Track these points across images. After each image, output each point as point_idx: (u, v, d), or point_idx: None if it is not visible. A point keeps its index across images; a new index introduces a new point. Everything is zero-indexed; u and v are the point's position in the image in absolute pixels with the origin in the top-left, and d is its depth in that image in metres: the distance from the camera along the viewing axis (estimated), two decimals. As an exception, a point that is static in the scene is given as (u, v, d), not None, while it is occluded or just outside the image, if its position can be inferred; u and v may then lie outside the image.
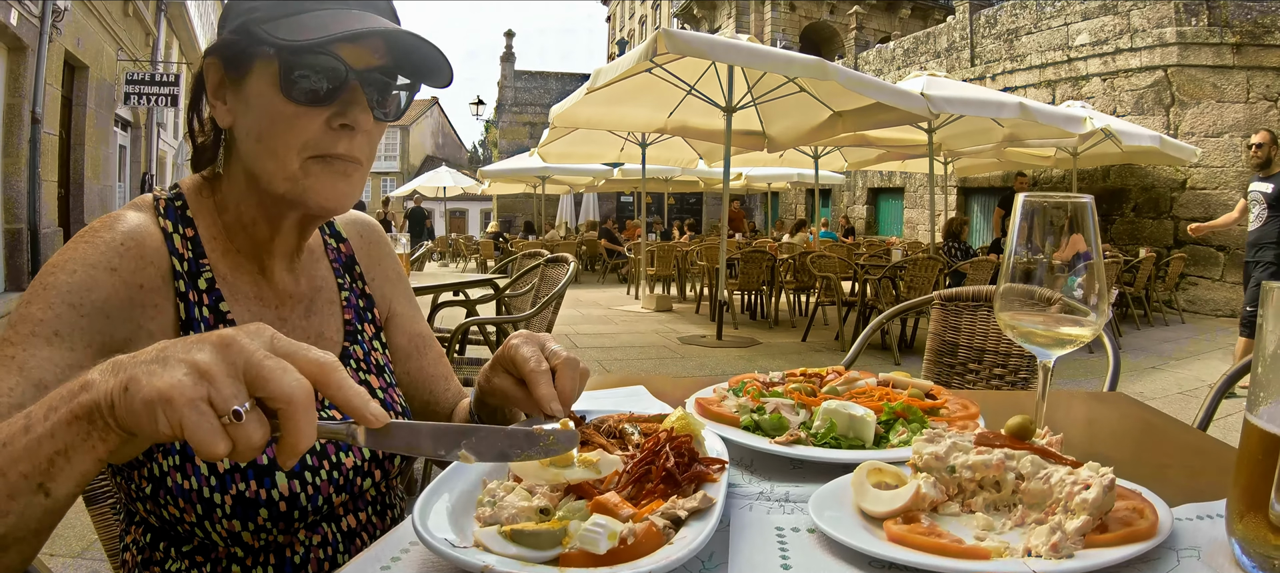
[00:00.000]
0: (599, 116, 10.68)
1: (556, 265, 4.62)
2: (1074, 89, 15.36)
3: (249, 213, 1.12)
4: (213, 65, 1.09)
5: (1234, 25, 13.47)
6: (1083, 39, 15.49)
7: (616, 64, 8.10)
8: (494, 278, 5.22)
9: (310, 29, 1.01)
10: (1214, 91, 13.51)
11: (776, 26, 32.39)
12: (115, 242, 1.02)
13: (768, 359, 7.90)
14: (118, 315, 0.99)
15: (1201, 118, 13.56)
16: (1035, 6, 16.73)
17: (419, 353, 1.41)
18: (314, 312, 1.24)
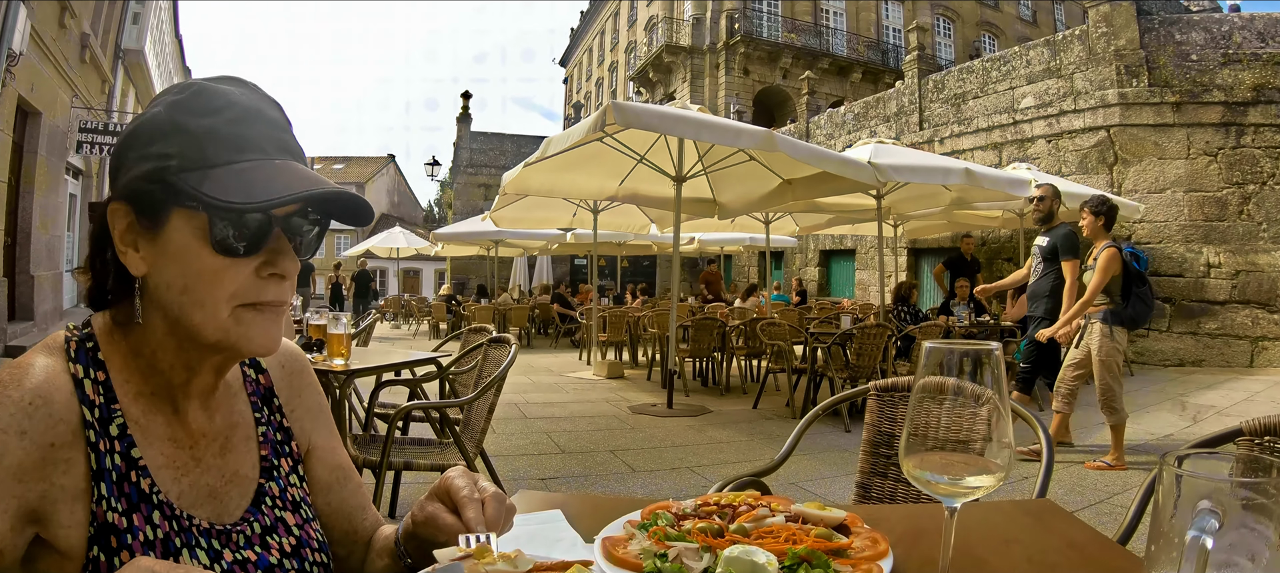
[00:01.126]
0: (550, 184, 10.76)
1: (499, 346, 4.61)
2: (1020, 150, 15.74)
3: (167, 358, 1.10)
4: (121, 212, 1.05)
5: (1173, 84, 13.99)
6: (1028, 102, 15.97)
7: (566, 135, 8.19)
8: (438, 357, 5.19)
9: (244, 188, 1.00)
10: (1156, 149, 13.99)
11: (730, 90, 33.12)
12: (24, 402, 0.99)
13: (718, 429, 7.90)
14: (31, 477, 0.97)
15: (1144, 174, 14.03)
16: (981, 72, 17.27)
17: (340, 484, 1.40)
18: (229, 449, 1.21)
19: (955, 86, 17.92)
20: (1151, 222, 13.95)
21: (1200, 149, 13.78)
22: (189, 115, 1.05)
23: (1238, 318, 13.27)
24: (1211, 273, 13.51)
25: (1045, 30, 43.15)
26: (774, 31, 35.49)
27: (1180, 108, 13.90)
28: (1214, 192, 13.68)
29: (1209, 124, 13.78)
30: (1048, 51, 15.96)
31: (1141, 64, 14.31)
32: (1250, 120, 13.63)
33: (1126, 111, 14.23)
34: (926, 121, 18.43)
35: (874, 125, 20.09)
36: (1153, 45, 14.49)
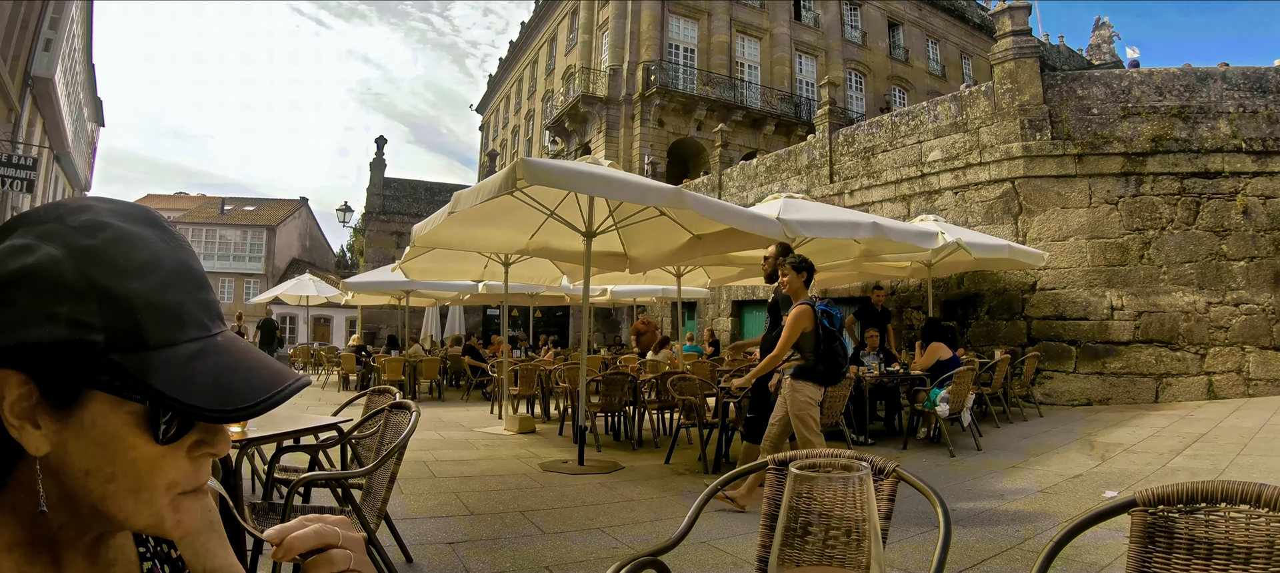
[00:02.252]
0: (460, 237, 10.79)
1: (401, 412, 4.56)
2: (928, 202, 16.27)
3: (59, 519, 0.91)
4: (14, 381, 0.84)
5: (1075, 137, 14.68)
6: (935, 155, 16.55)
7: (476, 190, 8.13)
8: (340, 423, 5.08)
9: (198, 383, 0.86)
10: (1059, 198, 14.61)
11: (645, 142, 33.42)
12: None
13: (630, 486, 7.89)
14: None
15: (1048, 224, 14.61)
16: (890, 126, 17.83)
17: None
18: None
19: (865, 140, 18.46)
20: (1056, 268, 14.48)
21: (1102, 198, 14.44)
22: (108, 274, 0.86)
23: (1142, 357, 13.81)
24: (1115, 315, 14.03)
25: (954, 83, 44.99)
26: (690, 84, 36.09)
27: (1082, 159, 14.58)
28: (1116, 238, 14.28)
29: (1110, 174, 14.48)
30: (954, 107, 16.55)
31: (1045, 118, 14.96)
32: (1149, 169, 14.36)
33: (1030, 164, 14.86)
34: (837, 174, 18.90)
35: (785, 177, 20.57)
36: (1056, 100, 15.17)
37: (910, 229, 11.61)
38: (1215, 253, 14.07)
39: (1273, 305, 13.74)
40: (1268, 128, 14.58)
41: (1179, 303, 13.91)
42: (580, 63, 39.23)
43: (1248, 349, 13.64)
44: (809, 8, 42.80)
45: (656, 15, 36.38)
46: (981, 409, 11.76)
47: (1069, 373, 14.16)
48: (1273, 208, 14.14)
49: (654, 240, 10.88)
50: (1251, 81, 15.02)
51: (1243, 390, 13.48)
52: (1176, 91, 14.98)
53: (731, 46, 38.38)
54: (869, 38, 44.98)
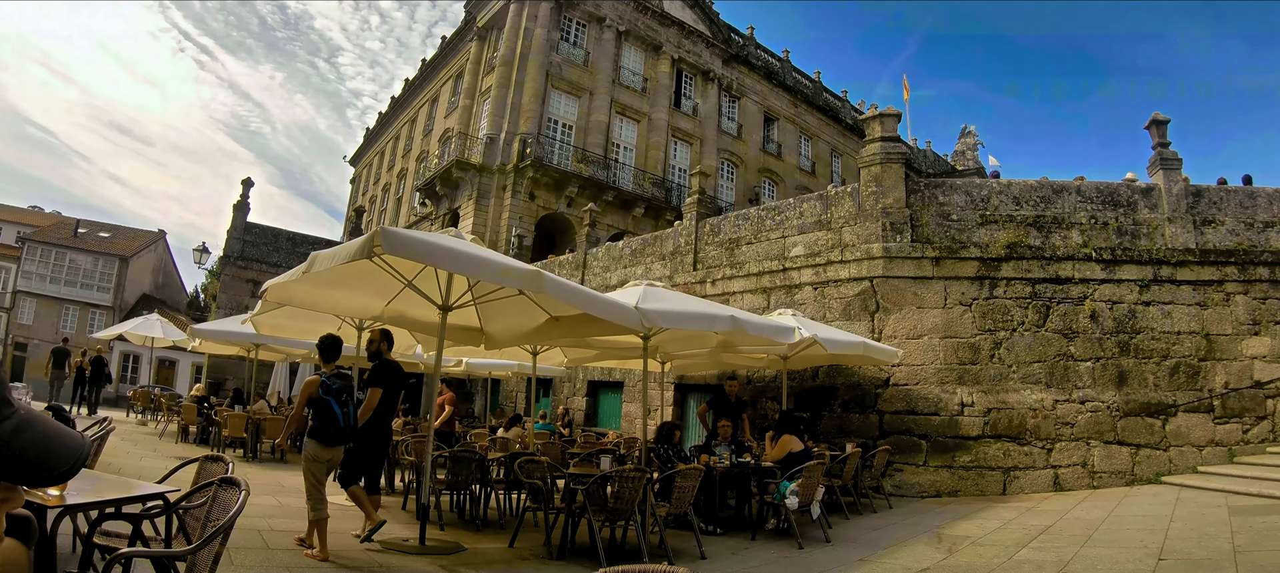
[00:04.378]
0: (314, 298, 10.64)
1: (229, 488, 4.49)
2: (788, 296, 16.96)
3: None
4: None
5: (934, 241, 15.59)
6: (798, 251, 17.25)
7: (333, 253, 8.08)
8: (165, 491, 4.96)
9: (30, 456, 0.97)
10: (915, 298, 15.40)
11: (515, 213, 33.68)
12: None
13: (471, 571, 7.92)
14: None
15: (903, 322, 15.36)
16: (757, 220, 18.54)
17: None
18: None
19: (731, 231, 19.11)
20: (910, 365, 15.18)
21: (957, 300, 15.31)
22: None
23: (991, 451, 14.50)
24: (966, 411, 14.72)
25: (822, 180, 47.40)
26: (565, 160, 36.66)
27: (940, 262, 15.49)
28: (969, 338, 15.11)
29: (966, 277, 15.41)
30: (820, 205, 17.31)
31: (906, 222, 15.81)
32: (1003, 274, 15.33)
33: (890, 264, 15.65)
34: (701, 263, 19.48)
35: (650, 262, 21.05)
36: (918, 205, 16.08)
37: (768, 323, 11.91)
38: (1063, 354, 15.05)
39: (1117, 403, 14.72)
40: (1117, 239, 15.78)
41: (1027, 400, 14.74)
42: (459, 127, 39.51)
43: (1093, 444, 14.54)
44: (689, 96, 44.45)
45: (540, 88, 37.07)
46: (832, 501, 12.04)
47: (919, 466, 14.73)
48: (1119, 313, 15.26)
49: (512, 318, 10.98)
50: (1103, 195, 16.27)
51: (1088, 483, 14.32)
52: (1033, 202, 16.14)
53: (609, 127, 39.31)
54: (744, 130, 46.97)
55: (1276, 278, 15.73)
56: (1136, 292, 15.49)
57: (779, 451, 11.52)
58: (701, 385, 18.59)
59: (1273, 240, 16.08)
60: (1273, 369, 15.07)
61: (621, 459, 13.19)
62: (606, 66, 40.02)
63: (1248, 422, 14.84)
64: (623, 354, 13.64)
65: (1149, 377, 15.06)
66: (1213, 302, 15.58)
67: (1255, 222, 16.25)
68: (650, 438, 11.59)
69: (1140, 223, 16.08)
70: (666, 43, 43.29)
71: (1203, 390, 15.00)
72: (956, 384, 14.99)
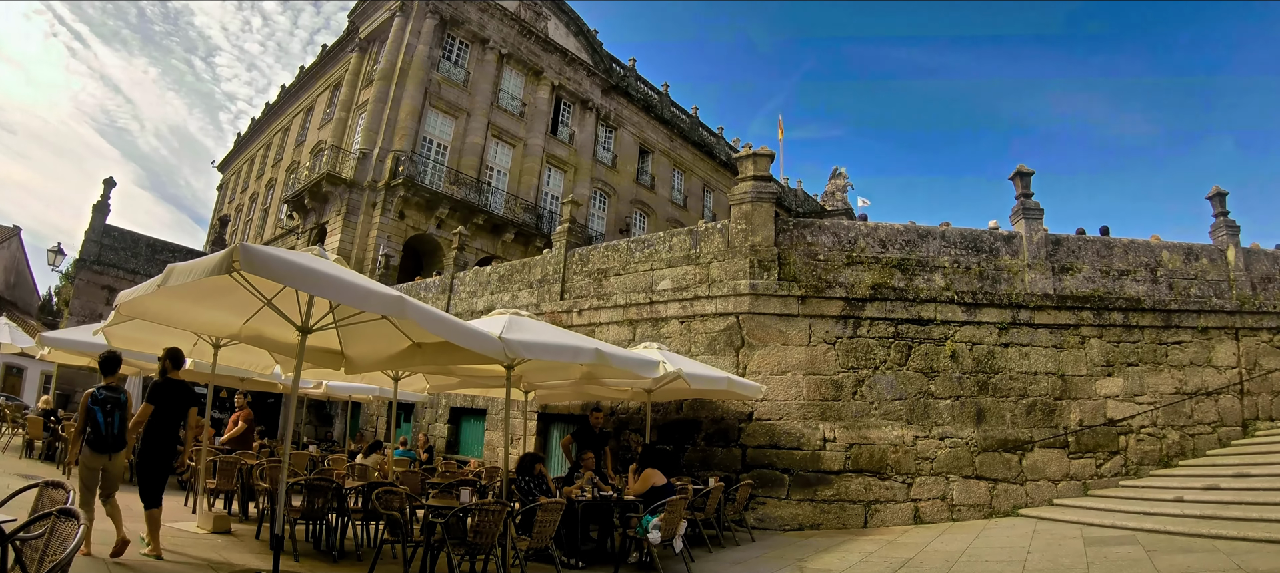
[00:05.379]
0: (169, 312, 10.31)
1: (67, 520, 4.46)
2: (654, 329, 17.31)
3: None
4: None
5: (801, 280, 16.14)
6: (666, 284, 17.62)
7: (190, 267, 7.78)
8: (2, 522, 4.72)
9: None
10: (780, 335, 15.89)
11: (383, 232, 33.39)
12: None
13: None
14: None
15: (768, 358, 15.81)
16: (626, 251, 18.80)
17: None
18: None
19: (599, 261, 19.35)
20: (773, 400, 15.64)
21: (821, 337, 15.89)
22: None
23: (852, 485, 15.05)
24: (828, 446, 15.26)
25: (694, 214, 48.71)
26: (437, 180, 36.58)
27: (805, 301, 16.06)
28: (832, 375, 15.67)
29: (831, 316, 16.03)
30: (690, 240, 17.72)
31: (774, 260, 16.35)
32: (867, 314, 16.00)
33: (756, 301, 16.12)
34: (568, 292, 19.63)
35: (517, 289, 21.16)
36: (786, 244, 16.65)
37: (633, 357, 12.01)
38: (924, 392, 15.77)
39: (976, 439, 15.53)
40: (979, 283, 16.68)
41: (889, 436, 15.40)
42: (332, 139, 38.95)
43: (952, 479, 15.28)
44: (566, 123, 44.98)
45: (417, 106, 36.90)
46: (695, 534, 12.31)
47: (782, 499, 15.14)
48: (978, 353, 16.09)
49: (374, 342, 10.89)
50: (967, 241, 17.19)
51: (948, 516, 15.02)
52: (899, 245, 16.90)
53: (485, 149, 39.37)
54: (619, 160, 47.74)
55: (1130, 323, 16.88)
56: (996, 333, 16.35)
57: (642, 484, 11.71)
58: (566, 416, 18.68)
59: (1127, 288, 17.22)
60: (1125, 408, 16.20)
61: (483, 491, 13.20)
62: (486, 88, 40.14)
63: (1101, 457, 15.87)
64: (486, 382, 13.71)
65: (1007, 414, 15.89)
66: (1069, 344, 16.56)
67: (1111, 270, 17.38)
68: (512, 469, 11.59)
69: (1001, 268, 17.03)
70: (548, 69, 43.74)
71: (1058, 428, 15.93)
72: (819, 420, 15.49)
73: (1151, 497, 14.08)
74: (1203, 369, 17.09)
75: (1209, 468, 15.12)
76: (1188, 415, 16.67)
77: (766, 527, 14.87)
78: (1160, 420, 16.45)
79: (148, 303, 9.49)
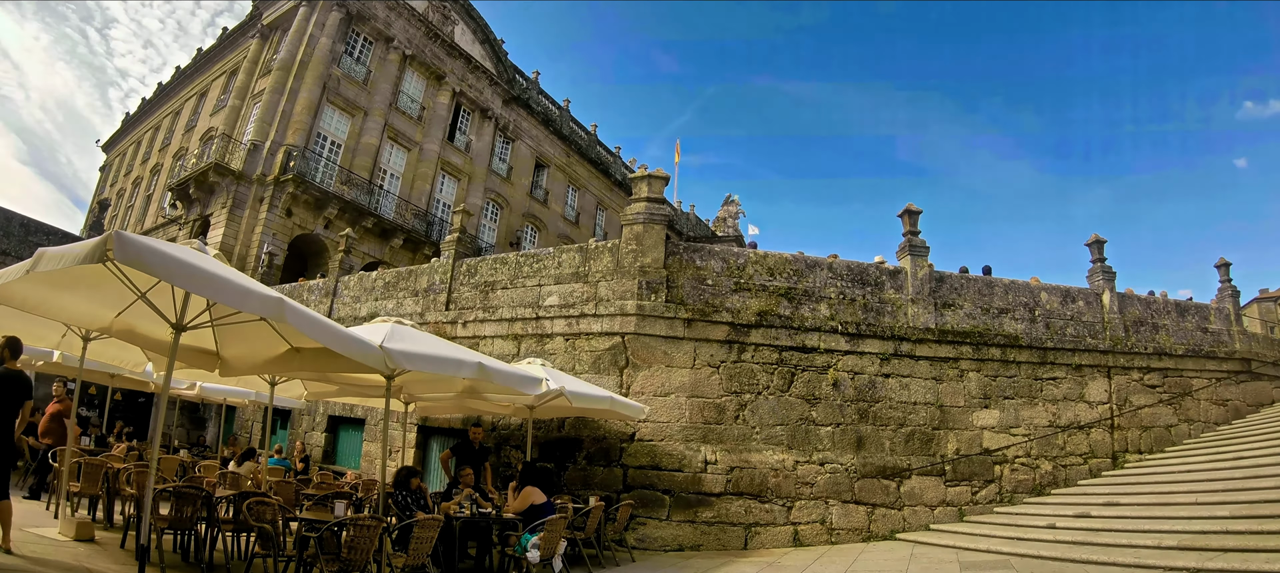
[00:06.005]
0: (36, 300, 9.89)
1: None
2: (539, 345, 17.41)
3: None
4: None
5: (688, 303, 16.47)
6: (553, 300, 17.70)
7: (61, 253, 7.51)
8: None
9: None
10: (665, 357, 16.16)
11: (269, 229, 32.81)
12: None
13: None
14: None
15: (652, 379, 16.07)
16: (514, 265, 18.83)
17: None
18: None
19: (487, 274, 19.30)
20: (656, 422, 15.87)
21: (706, 361, 16.23)
22: None
23: (733, 507, 15.37)
24: (709, 468, 15.55)
25: (586, 231, 49.14)
26: (329, 179, 35.96)
27: (692, 324, 16.38)
28: (715, 398, 15.99)
29: (716, 340, 16.38)
30: (580, 257, 17.87)
31: (662, 282, 16.65)
32: (752, 340, 16.41)
33: (643, 322, 16.38)
34: (454, 303, 19.54)
35: (402, 297, 20.95)
36: (675, 267, 16.98)
37: (516, 372, 12.11)
38: (806, 418, 16.23)
39: (855, 466, 16.06)
40: (863, 314, 17.24)
41: (770, 460, 15.79)
42: (224, 128, 38.11)
43: (831, 503, 15.75)
44: (464, 131, 44.86)
45: (314, 101, 36.26)
46: (575, 554, 12.41)
47: (663, 520, 15.37)
48: (860, 383, 16.64)
49: (251, 344, 10.70)
50: (854, 274, 17.78)
51: (827, 539, 15.45)
52: (787, 274, 17.38)
53: (379, 151, 38.91)
54: (515, 173, 47.84)
55: (1007, 358, 17.68)
56: (878, 364, 16.94)
57: (521, 502, 11.75)
58: (447, 429, 18.58)
59: (1006, 325, 18.03)
60: (1000, 439, 16.99)
61: (358, 504, 13.23)
62: (386, 89, 39.70)
63: (977, 484, 16.61)
64: (365, 392, 13.62)
65: (886, 442, 16.49)
66: (948, 376, 17.28)
67: (991, 308, 18.19)
68: (389, 482, 11.54)
69: (886, 301, 17.66)
70: (450, 74, 43.51)
71: (936, 456, 16.61)
72: (701, 442, 15.77)
73: (1025, 523, 14.89)
74: (1076, 404, 18.04)
75: (1081, 497, 15.96)
76: (1061, 447, 17.60)
77: (647, 547, 15.03)
78: (1035, 451, 17.33)
79: (14, 289, 9.17)
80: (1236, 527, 11.30)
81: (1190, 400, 19.60)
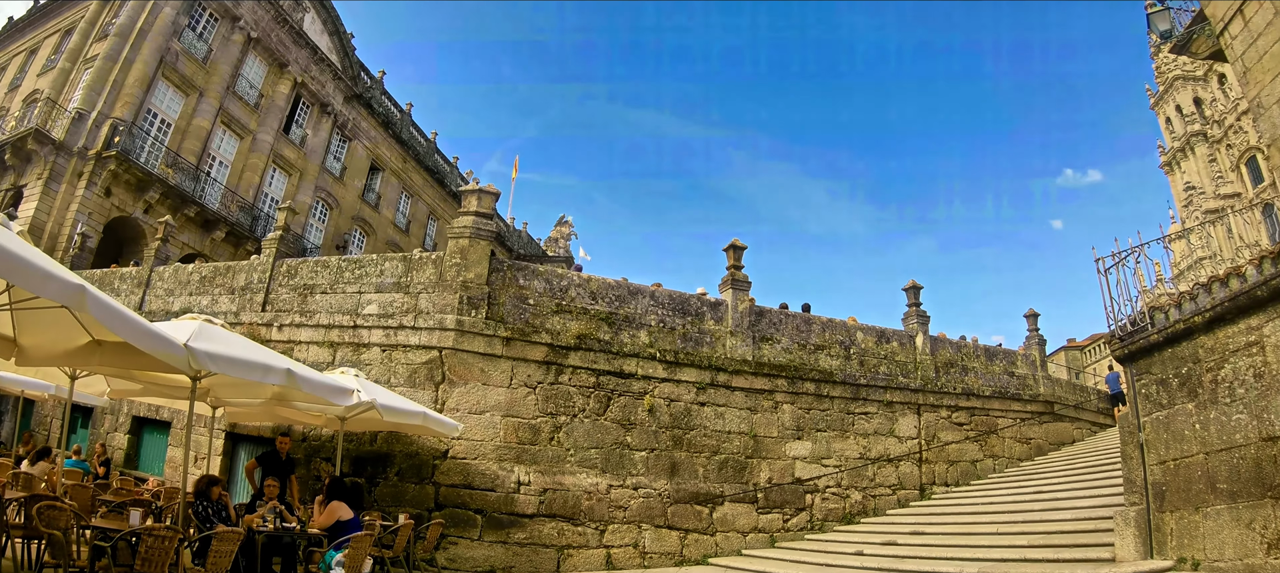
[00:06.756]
0: None
1: None
2: (355, 354, 17.36)
3: None
4: None
5: (508, 321, 16.73)
6: (372, 309, 17.68)
7: None
8: None
9: None
10: (482, 375, 16.39)
11: (85, 208, 31.66)
12: None
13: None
14: None
15: (467, 396, 16.28)
16: (335, 269, 18.71)
17: None
18: None
19: (308, 276, 19.02)
20: (470, 440, 16.07)
21: (522, 381, 16.55)
22: None
23: (545, 529, 15.68)
24: (522, 489, 15.84)
25: (416, 239, 48.96)
26: (154, 159, 34.78)
27: (510, 343, 16.67)
28: (530, 418, 16.34)
29: (534, 360, 16.73)
30: (403, 266, 17.92)
31: (484, 298, 16.87)
32: (570, 362, 16.83)
33: (461, 338, 16.56)
34: (271, 304, 19.11)
35: (218, 294, 20.41)
36: (498, 284, 17.22)
37: (326, 382, 11.96)
38: (620, 442, 16.74)
39: (669, 491, 16.64)
40: (682, 343, 17.89)
41: (583, 483, 16.22)
42: (50, 92, 36.38)
43: (644, 527, 16.27)
44: (300, 124, 43.97)
45: (148, 74, 35.04)
46: (383, 570, 12.50)
47: (475, 540, 15.52)
48: (675, 410, 17.28)
49: (52, 332, 10.17)
50: (676, 303, 18.46)
51: (639, 563, 15.96)
52: (609, 299, 17.89)
53: (211, 136, 37.77)
54: (348, 174, 47.27)
55: (821, 392, 18.65)
56: (695, 392, 17.64)
57: (327, 517, 11.60)
58: (257, 437, 18.02)
59: (821, 361, 19.04)
60: (813, 469, 17.92)
61: (158, 513, 12.92)
62: (226, 71, 38.62)
63: (788, 512, 17.46)
64: (171, 392, 13.15)
65: (700, 469, 17.14)
66: (763, 408, 18.11)
67: (808, 344, 19.17)
68: (191, 491, 11.22)
69: (706, 332, 18.36)
70: (294, 63, 42.63)
71: (749, 484, 17.36)
72: (515, 463, 16.07)
73: (834, 550, 15.66)
74: (886, 439, 19.15)
75: (889, 526, 16.92)
76: (871, 479, 18.66)
77: (458, 568, 15.13)
78: (845, 482, 18.32)
79: None
80: (1034, 555, 12.18)
81: (995, 438, 21.06)
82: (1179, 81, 75.04)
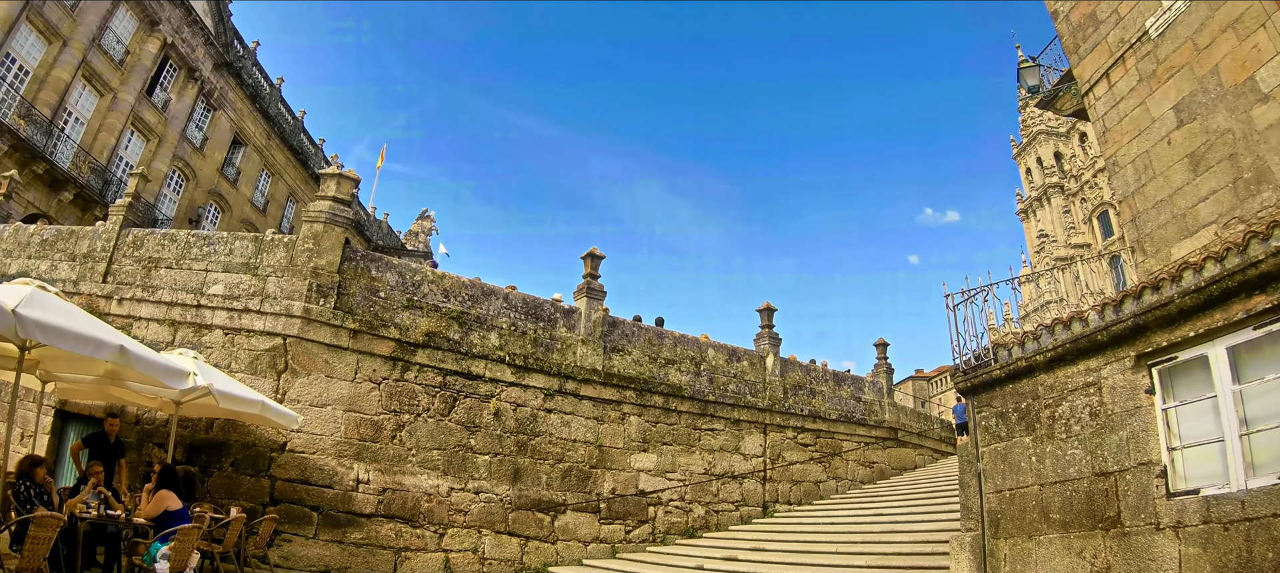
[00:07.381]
0: None
1: None
2: (196, 335, 16.78)
3: None
4: None
5: (357, 313, 16.58)
6: (218, 289, 17.15)
7: None
8: None
9: None
10: (326, 367, 16.18)
11: (-78, 154, 29.53)
12: None
13: None
14: None
15: (310, 388, 16.03)
16: (183, 244, 18.03)
17: None
18: None
19: (154, 249, 18.26)
20: (309, 433, 15.81)
21: (367, 375, 16.46)
22: None
23: (383, 530, 15.63)
24: (361, 488, 15.72)
25: (273, 221, 47.96)
26: (7, 109, 32.67)
27: (357, 335, 16.52)
28: (373, 415, 16.26)
29: (381, 355, 16.65)
30: (252, 247, 17.41)
31: (334, 287, 16.64)
32: (417, 359, 16.84)
33: (306, 326, 16.27)
34: (113, 275, 18.29)
35: (58, 260, 19.36)
36: (350, 274, 16.99)
37: (162, 362, 11.57)
38: (464, 445, 16.85)
39: (511, 496, 16.85)
40: (532, 348, 18.16)
41: (424, 484, 16.24)
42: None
43: (484, 532, 16.43)
44: (164, 88, 42.25)
45: (11, 15, 32.96)
46: (212, 568, 12.30)
47: (309, 538, 15.27)
48: (522, 415, 17.52)
49: None
50: (529, 307, 18.70)
51: (478, 568, 16.12)
52: (462, 298, 17.99)
53: (69, 89, 35.87)
54: (209, 145, 45.53)
55: (669, 407, 19.17)
56: (542, 398, 17.91)
57: (155, 507, 11.26)
58: (90, 417, 17.13)
59: (671, 375, 19.57)
60: (657, 482, 18.39)
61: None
62: (93, 21, 36.81)
63: (631, 523, 17.88)
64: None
65: (543, 476, 17.43)
66: (610, 418, 18.50)
67: (660, 357, 19.67)
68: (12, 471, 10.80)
69: (557, 339, 18.66)
70: (166, 22, 40.91)
71: (592, 493, 17.72)
72: (355, 460, 15.94)
73: (675, 563, 16.09)
74: (732, 455, 19.77)
75: (731, 541, 17.46)
76: (715, 494, 19.25)
77: (291, 566, 14.83)
78: (689, 496, 18.85)
79: None
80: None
81: (840, 460, 21.93)
82: (1042, 135, 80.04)
